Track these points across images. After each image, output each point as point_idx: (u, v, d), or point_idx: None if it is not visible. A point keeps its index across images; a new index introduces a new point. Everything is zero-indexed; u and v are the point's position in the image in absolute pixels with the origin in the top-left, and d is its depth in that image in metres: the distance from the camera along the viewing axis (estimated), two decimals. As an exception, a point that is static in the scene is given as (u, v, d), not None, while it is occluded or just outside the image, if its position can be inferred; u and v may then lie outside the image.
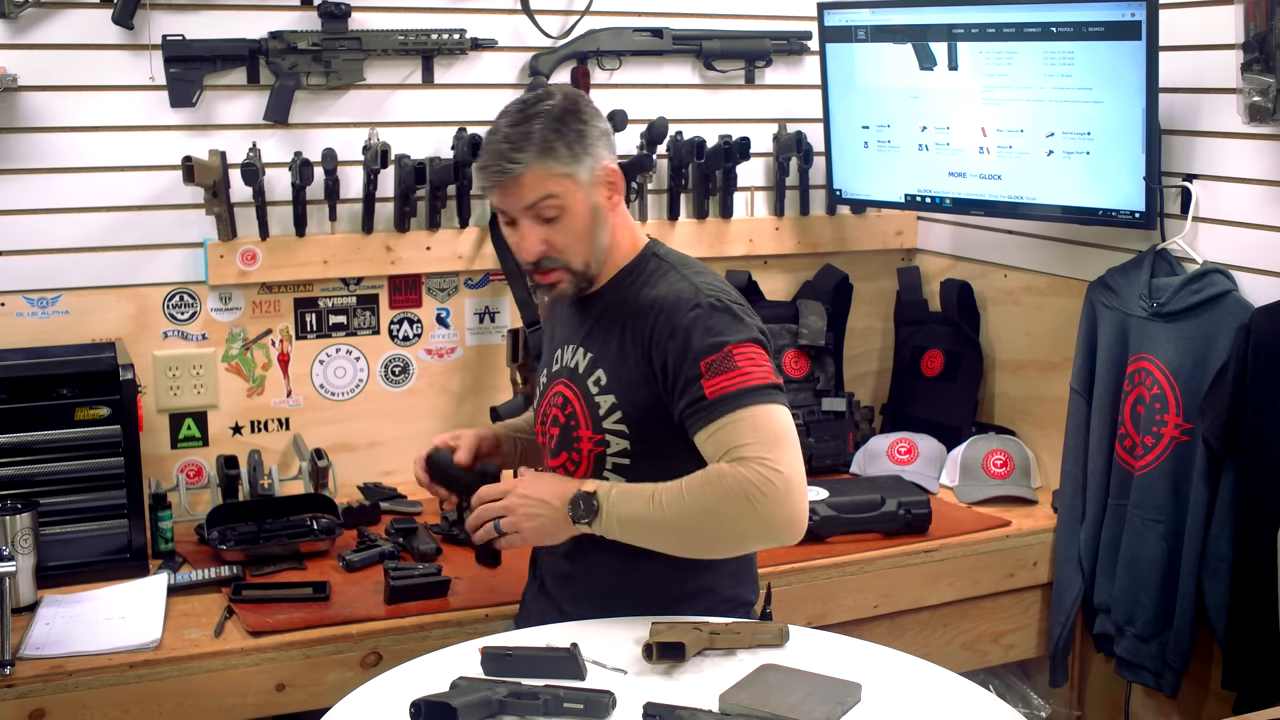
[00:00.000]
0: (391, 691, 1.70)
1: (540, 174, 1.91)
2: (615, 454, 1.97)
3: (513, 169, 1.90)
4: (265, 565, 2.49)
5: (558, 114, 1.93)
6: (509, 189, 1.92)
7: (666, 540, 1.88)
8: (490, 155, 1.93)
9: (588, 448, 1.99)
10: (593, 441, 1.98)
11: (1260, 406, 2.40)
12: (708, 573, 2.01)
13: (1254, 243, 2.53)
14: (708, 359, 1.85)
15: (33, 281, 2.66)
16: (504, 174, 1.91)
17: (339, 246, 2.85)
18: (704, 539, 1.87)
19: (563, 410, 2.02)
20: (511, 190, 1.92)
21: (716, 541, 1.87)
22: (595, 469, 1.98)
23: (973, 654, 2.82)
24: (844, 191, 3.19)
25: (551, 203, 1.92)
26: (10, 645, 2.10)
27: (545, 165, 1.90)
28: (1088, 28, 2.59)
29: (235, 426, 2.85)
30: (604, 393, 1.97)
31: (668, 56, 3.12)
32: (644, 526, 1.86)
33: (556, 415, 2.03)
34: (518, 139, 1.91)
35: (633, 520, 1.86)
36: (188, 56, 2.67)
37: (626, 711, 1.64)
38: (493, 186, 1.94)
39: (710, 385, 1.84)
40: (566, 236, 1.94)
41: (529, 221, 1.93)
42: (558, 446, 2.03)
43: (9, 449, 2.40)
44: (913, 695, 1.74)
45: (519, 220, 1.94)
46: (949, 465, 3.05)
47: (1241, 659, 2.46)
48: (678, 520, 1.84)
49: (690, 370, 1.86)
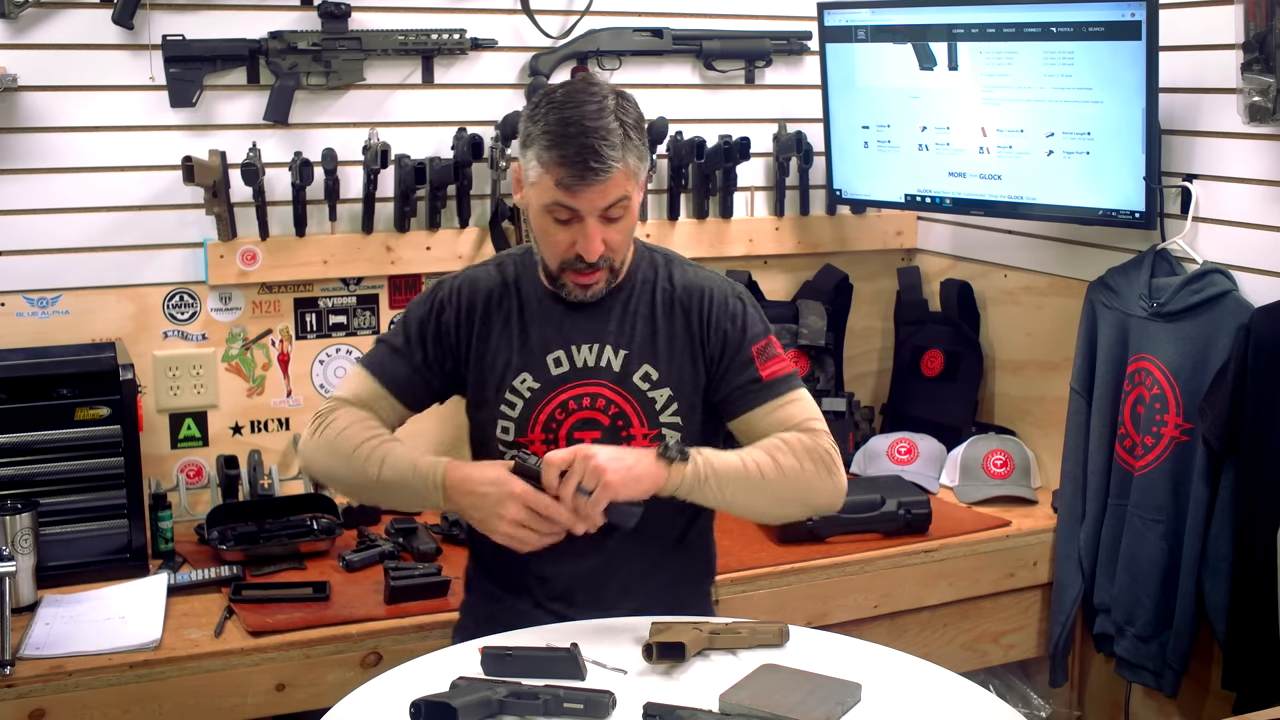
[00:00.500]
0: (391, 691, 1.70)
1: (624, 175, 1.84)
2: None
3: (606, 169, 1.81)
4: (265, 565, 2.49)
5: (635, 114, 1.89)
6: (595, 187, 1.82)
7: (748, 497, 1.90)
8: (576, 149, 1.81)
9: (642, 445, 1.96)
10: (648, 439, 1.97)
11: (1260, 406, 2.40)
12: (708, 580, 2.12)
13: (1254, 243, 2.53)
14: (758, 345, 1.99)
15: (33, 281, 2.66)
16: (597, 173, 1.81)
17: (339, 246, 2.85)
18: (781, 500, 1.94)
19: (605, 412, 1.97)
20: (597, 189, 1.83)
21: (791, 503, 1.96)
22: None
23: (973, 654, 2.82)
24: (844, 191, 3.19)
25: (624, 204, 1.87)
26: (10, 645, 2.10)
27: (629, 167, 1.85)
28: (1088, 28, 2.59)
29: (235, 426, 2.85)
30: (656, 387, 1.97)
31: (668, 56, 3.12)
32: (734, 478, 1.88)
33: (595, 419, 1.97)
34: (607, 134, 1.82)
35: (727, 471, 1.87)
36: (188, 56, 2.67)
37: (626, 711, 1.64)
38: (576, 182, 1.82)
39: (764, 369, 1.97)
40: (623, 236, 1.91)
41: (596, 220, 1.86)
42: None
43: (9, 449, 2.40)
44: (913, 695, 1.74)
45: (585, 218, 1.85)
46: (949, 465, 3.05)
47: (1241, 659, 2.46)
48: (765, 479, 1.89)
49: (743, 354, 1.98)
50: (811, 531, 2.68)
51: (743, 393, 1.97)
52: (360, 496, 2.19)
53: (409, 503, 2.06)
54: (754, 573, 2.57)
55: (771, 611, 2.51)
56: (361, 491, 2.04)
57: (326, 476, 2.07)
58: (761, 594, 2.56)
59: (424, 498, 1.92)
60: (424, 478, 1.89)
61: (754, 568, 2.58)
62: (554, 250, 1.91)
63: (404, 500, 2.02)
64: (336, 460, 1.97)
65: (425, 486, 1.89)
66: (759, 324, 2.01)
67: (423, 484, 1.89)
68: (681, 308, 1.99)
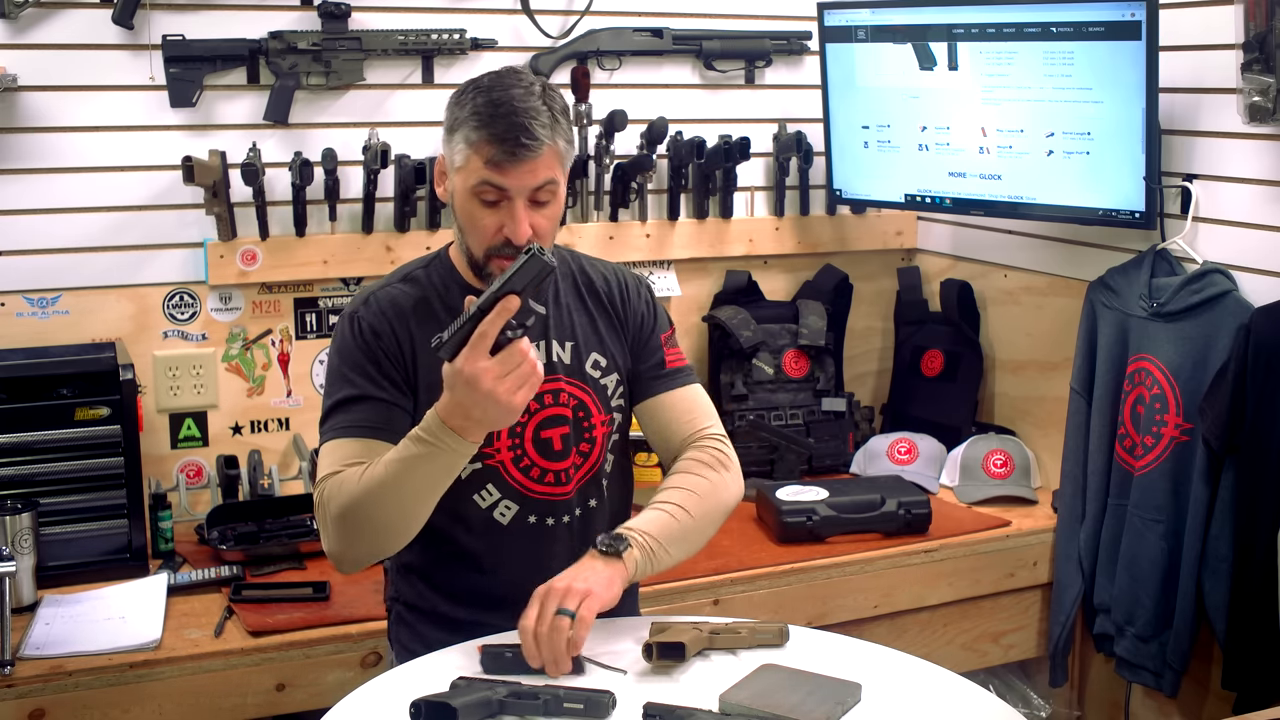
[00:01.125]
0: (391, 691, 1.70)
1: (552, 156, 1.82)
2: (617, 429, 2.02)
3: (536, 144, 1.78)
4: (265, 565, 2.50)
5: (562, 103, 1.86)
6: (524, 166, 1.78)
7: (688, 544, 1.92)
8: (505, 125, 1.77)
9: (601, 431, 1.98)
10: (604, 424, 1.99)
11: (1260, 406, 2.40)
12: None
13: (1254, 243, 2.53)
14: (665, 333, 2.06)
15: (33, 281, 2.66)
16: (528, 148, 1.77)
17: (339, 246, 2.85)
18: (711, 524, 1.97)
19: (566, 406, 1.96)
20: (526, 167, 1.79)
21: (716, 523, 1.98)
22: (603, 449, 1.99)
23: (973, 654, 2.82)
24: (844, 191, 3.19)
25: (552, 188, 1.84)
26: (10, 645, 2.10)
27: (558, 149, 1.83)
28: (1088, 28, 2.59)
29: (235, 426, 2.85)
30: (606, 374, 1.99)
31: (668, 56, 3.12)
32: (674, 535, 1.87)
33: (560, 414, 1.95)
34: (536, 114, 1.79)
35: (665, 532, 1.86)
36: (188, 56, 2.67)
37: (626, 711, 1.64)
38: (507, 159, 1.78)
39: (669, 355, 2.04)
40: (550, 223, 1.87)
41: (524, 203, 1.82)
42: (565, 447, 1.96)
43: (9, 449, 2.40)
44: (913, 695, 1.74)
45: (514, 199, 1.80)
46: (949, 465, 3.05)
47: (1241, 659, 2.46)
48: (694, 519, 1.91)
49: (652, 339, 2.04)
50: (811, 531, 2.68)
51: (652, 377, 2.03)
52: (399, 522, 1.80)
53: (435, 479, 1.76)
54: (754, 573, 2.57)
55: (771, 611, 2.51)
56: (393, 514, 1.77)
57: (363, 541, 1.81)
58: (761, 594, 2.56)
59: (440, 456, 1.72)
60: (423, 434, 1.72)
61: (754, 568, 2.58)
62: (481, 236, 1.84)
63: (430, 480, 1.75)
64: (353, 517, 1.77)
65: (431, 438, 1.71)
66: (664, 313, 2.08)
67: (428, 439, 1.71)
68: (603, 295, 2.02)
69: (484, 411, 1.69)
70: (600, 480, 2.01)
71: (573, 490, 1.97)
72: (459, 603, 1.98)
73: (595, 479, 2.00)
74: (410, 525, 1.80)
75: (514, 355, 1.67)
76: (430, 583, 1.99)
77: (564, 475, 1.96)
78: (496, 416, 1.70)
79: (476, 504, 1.93)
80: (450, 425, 1.70)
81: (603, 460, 2.00)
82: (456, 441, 1.71)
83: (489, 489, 1.92)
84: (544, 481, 1.94)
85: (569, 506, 1.97)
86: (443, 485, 1.77)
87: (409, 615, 2.01)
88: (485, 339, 1.65)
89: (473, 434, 1.72)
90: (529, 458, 1.93)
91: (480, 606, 1.94)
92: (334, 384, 1.89)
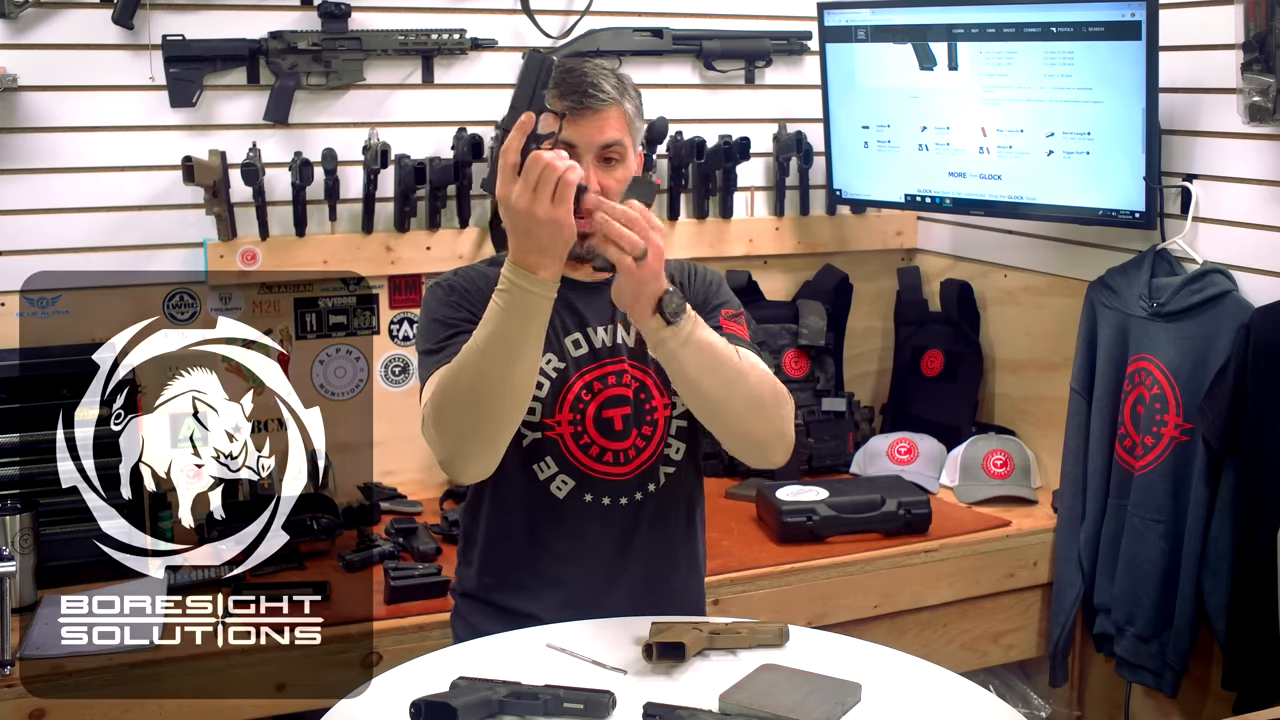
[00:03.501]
0: (391, 691, 1.70)
1: (620, 117, 1.90)
2: (678, 416, 1.99)
3: (604, 98, 1.87)
4: (265, 565, 2.49)
5: (632, 81, 1.95)
6: (591, 119, 1.87)
7: (719, 378, 1.82)
8: (575, 81, 1.87)
9: (662, 415, 1.99)
10: (665, 406, 1.99)
11: (1260, 406, 2.40)
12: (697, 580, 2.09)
13: (1254, 243, 2.53)
14: (728, 310, 1.98)
15: (33, 281, 2.66)
16: (596, 100, 1.86)
17: (339, 246, 2.85)
18: (748, 405, 1.84)
19: (629, 387, 1.98)
20: (593, 121, 1.87)
21: (750, 417, 1.85)
22: (665, 433, 1.99)
23: (973, 654, 2.82)
24: (844, 191, 3.19)
25: (619, 149, 1.89)
26: (10, 645, 2.10)
27: (624, 110, 1.90)
28: (1088, 28, 2.59)
29: (235, 426, 2.84)
30: None
31: (668, 56, 3.12)
32: (714, 352, 1.81)
33: (622, 394, 1.98)
34: (606, 77, 1.89)
35: (708, 342, 1.81)
36: (188, 56, 2.67)
37: (626, 711, 1.64)
38: (575, 109, 1.86)
39: (727, 326, 1.94)
40: (620, 185, 1.89)
41: (593, 160, 1.87)
42: (625, 428, 1.98)
43: (9, 449, 2.40)
44: (913, 695, 1.74)
45: (583, 156, 1.85)
46: (949, 465, 3.05)
47: (1241, 659, 2.46)
48: (740, 374, 1.82)
49: (713, 313, 1.95)
50: (812, 531, 2.68)
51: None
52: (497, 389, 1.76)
53: (522, 331, 1.74)
54: (754, 573, 2.57)
55: (771, 611, 2.51)
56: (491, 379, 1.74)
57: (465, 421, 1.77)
58: (761, 594, 2.56)
59: (519, 299, 1.71)
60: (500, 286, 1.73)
61: (754, 568, 2.58)
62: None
63: (519, 332, 1.73)
64: (453, 396, 1.76)
65: (507, 285, 1.72)
66: (733, 297, 2.03)
67: (504, 287, 1.72)
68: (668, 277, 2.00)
69: (532, 234, 1.69)
70: (662, 466, 2.00)
71: (633, 472, 1.98)
72: (511, 588, 2.00)
73: (656, 464, 2.00)
74: (506, 393, 1.75)
75: (533, 166, 1.67)
76: (486, 562, 2.02)
77: (624, 456, 1.98)
78: (547, 237, 1.69)
79: (535, 474, 1.96)
80: (521, 265, 1.71)
81: (663, 445, 1.99)
82: (529, 280, 1.70)
83: (547, 461, 1.96)
84: (603, 461, 1.97)
85: (628, 489, 1.98)
86: (530, 339, 1.74)
87: (464, 605, 2.06)
88: (509, 163, 1.68)
89: (543, 267, 1.71)
90: (589, 435, 1.96)
91: (532, 592, 1.98)
92: (426, 335, 1.93)
